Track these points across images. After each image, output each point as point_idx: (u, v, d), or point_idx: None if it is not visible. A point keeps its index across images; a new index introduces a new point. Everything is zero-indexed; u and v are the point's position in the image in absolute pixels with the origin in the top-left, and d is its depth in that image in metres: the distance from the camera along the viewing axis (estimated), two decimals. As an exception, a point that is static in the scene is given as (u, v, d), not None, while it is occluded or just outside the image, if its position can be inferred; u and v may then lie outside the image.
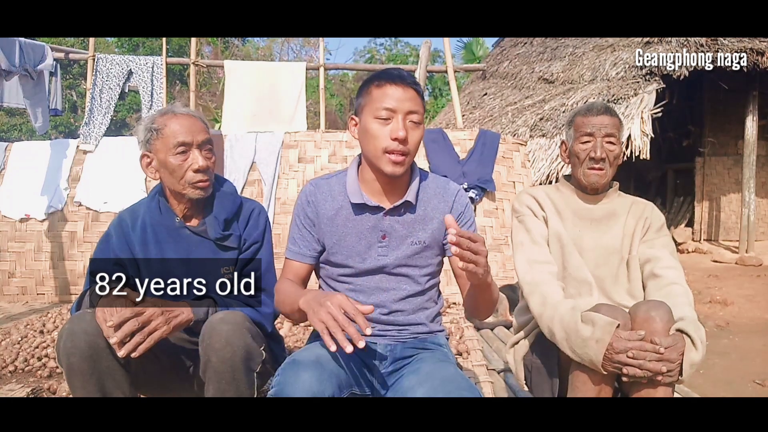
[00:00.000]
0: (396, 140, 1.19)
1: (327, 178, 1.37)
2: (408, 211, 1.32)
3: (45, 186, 4.49)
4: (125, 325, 1.17)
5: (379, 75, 1.25)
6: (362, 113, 1.25)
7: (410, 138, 1.21)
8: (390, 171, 1.22)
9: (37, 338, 2.89)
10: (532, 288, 1.43)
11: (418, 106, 1.23)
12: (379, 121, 1.21)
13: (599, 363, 1.20)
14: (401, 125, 1.20)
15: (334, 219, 1.31)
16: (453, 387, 1.10)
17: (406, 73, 1.26)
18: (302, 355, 1.17)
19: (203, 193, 1.45)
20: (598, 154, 1.48)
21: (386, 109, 1.20)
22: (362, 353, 1.29)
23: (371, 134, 1.22)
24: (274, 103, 5.11)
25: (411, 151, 1.23)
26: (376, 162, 1.24)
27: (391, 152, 1.20)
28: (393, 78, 1.22)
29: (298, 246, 1.35)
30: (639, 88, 5.77)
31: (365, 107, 1.24)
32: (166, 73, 5.19)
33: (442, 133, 4.71)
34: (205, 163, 1.42)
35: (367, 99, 1.24)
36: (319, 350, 1.18)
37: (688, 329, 1.20)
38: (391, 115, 1.20)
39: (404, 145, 1.20)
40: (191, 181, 1.42)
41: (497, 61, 9.24)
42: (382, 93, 1.21)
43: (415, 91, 1.23)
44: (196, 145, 1.42)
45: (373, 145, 1.22)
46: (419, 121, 1.24)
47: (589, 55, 7.08)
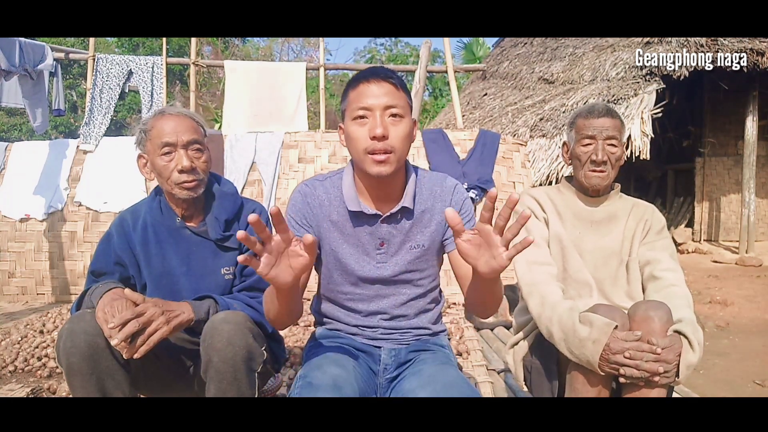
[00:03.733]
0: (375, 138, 1.13)
1: (321, 180, 1.31)
2: (405, 216, 1.27)
3: (45, 186, 4.49)
4: (126, 327, 1.17)
5: (354, 77, 1.21)
6: (344, 118, 1.22)
7: (392, 134, 1.15)
8: (375, 172, 1.15)
9: (37, 338, 2.89)
10: (531, 289, 1.43)
11: (396, 99, 1.16)
12: (357, 122, 1.16)
13: (596, 363, 1.20)
14: (378, 122, 1.13)
15: (331, 226, 1.27)
16: (455, 392, 1.08)
17: (381, 68, 1.21)
18: (318, 378, 1.09)
19: (191, 194, 1.43)
20: (599, 157, 1.48)
21: (362, 108, 1.15)
22: (369, 361, 1.28)
23: (352, 137, 1.17)
24: (274, 103, 5.11)
25: (396, 148, 1.15)
26: (361, 165, 1.18)
27: (372, 152, 1.14)
28: (366, 76, 1.17)
29: None
30: (639, 89, 5.77)
31: (345, 112, 1.21)
32: (166, 73, 5.19)
33: (442, 133, 4.72)
34: (189, 163, 1.40)
35: (346, 103, 1.20)
36: (334, 370, 1.13)
37: (685, 330, 1.20)
38: (368, 113, 1.15)
39: (385, 141, 1.14)
40: (177, 181, 1.41)
41: (497, 62, 9.24)
42: (357, 93, 1.17)
43: (390, 84, 1.16)
44: (181, 146, 1.40)
45: (354, 148, 1.17)
46: (401, 114, 1.17)
47: (589, 55, 7.08)
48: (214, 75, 12.55)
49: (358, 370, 1.20)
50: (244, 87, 5.14)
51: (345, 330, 1.34)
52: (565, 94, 6.64)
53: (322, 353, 1.23)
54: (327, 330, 1.37)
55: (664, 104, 5.76)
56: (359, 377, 1.18)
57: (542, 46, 8.28)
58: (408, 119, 1.19)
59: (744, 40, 5.87)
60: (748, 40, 5.86)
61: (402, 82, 1.20)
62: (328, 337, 1.35)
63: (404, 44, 19.42)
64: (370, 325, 1.32)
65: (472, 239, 0.98)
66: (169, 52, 5.87)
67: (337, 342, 1.32)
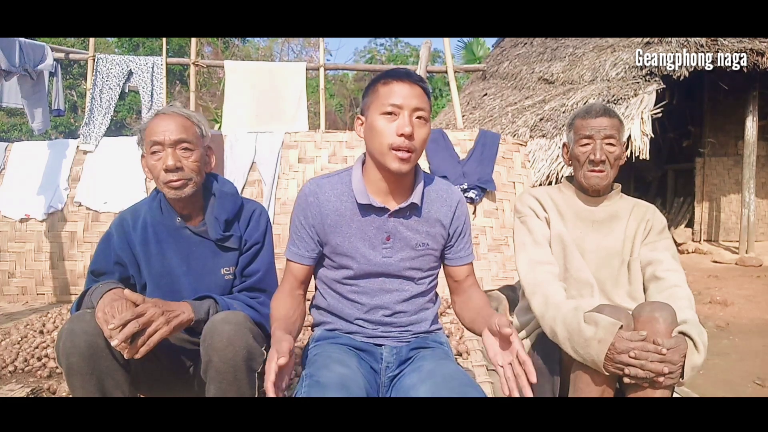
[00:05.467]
0: (402, 136, 1.18)
1: (328, 177, 1.35)
2: (413, 213, 1.31)
3: (45, 186, 4.49)
4: (126, 327, 1.16)
5: (386, 73, 1.25)
6: (368, 111, 1.25)
7: (417, 135, 1.20)
8: (396, 168, 1.20)
9: (37, 338, 2.88)
10: (534, 288, 1.43)
11: (424, 104, 1.22)
12: (386, 117, 1.20)
13: (601, 363, 1.20)
14: (407, 121, 1.18)
15: (339, 219, 1.29)
16: (456, 384, 1.10)
17: (413, 72, 1.26)
18: (325, 377, 1.12)
19: (178, 193, 1.42)
20: (597, 157, 1.48)
21: (393, 105, 1.19)
22: (371, 360, 1.30)
23: (377, 131, 1.20)
24: (274, 104, 5.11)
25: (417, 149, 1.21)
26: (381, 159, 1.22)
27: (397, 149, 1.19)
28: (400, 75, 1.22)
29: (297, 247, 1.34)
30: (639, 89, 5.77)
31: (371, 105, 1.24)
32: (166, 73, 5.19)
33: (442, 133, 4.71)
34: (174, 162, 1.40)
35: (374, 97, 1.23)
36: (340, 369, 1.15)
37: (690, 332, 1.20)
38: (398, 111, 1.19)
39: (410, 141, 1.19)
40: (164, 180, 1.41)
41: (497, 62, 9.24)
42: (389, 90, 1.20)
43: (422, 88, 1.22)
44: (169, 145, 1.40)
45: (378, 141, 1.21)
46: (426, 119, 1.23)
47: (589, 55, 7.08)
48: (214, 75, 12.55)
49: (361, 370, 1.21)
50: (244, 87, 5.14)
51: (344, 329, 1.35)
52: (565, 94, 6.64)
53: (324, 353, 1.25)
54: (326, 331, 1.38)
55: (664, 104, 5.76)
56: (363, 376, 1.19)
57: (542, 46, 8.28)
58: (429, 124, 1.26)
59: (744, 40, 5.87)
60: (748, 40, 5.86)
61: (429, 90, 1.27)
62: (328, 338, 1.35)
63: (404, 44, 19.45)
64: (371, 319, 1.33)
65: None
66: (169, 52, 5.87)
67: (337, 342, 1.33)
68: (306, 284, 1.39)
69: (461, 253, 1.39)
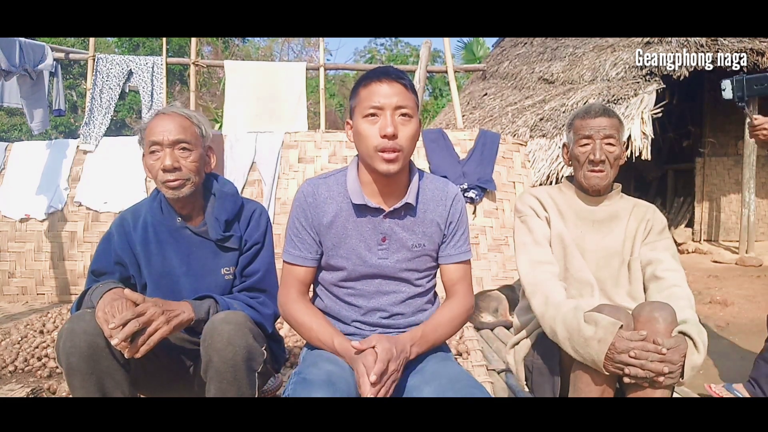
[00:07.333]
0: (386, 137, 1.17)
1: (324, 178, 1.34)
2: (408, 213, 1.30)
3: (45, 186, 4.49)
4: (127, 327, 1.17)
5: (366, 75, 1.24)
6: (354, 115, 1.24)
7: (401, 133, 1.19)
8: (384, 169, 1.19)
9: (37, 338, 2.88)
10: (534, 288, 1.43)
11: (407, 100, 1.20)
12: (368, 119, 1.19)
13: (601, 363, 1.20)
14: (389, 121, 1.17)
15: (334, 220, 1.29)
16: (461, 385, 1.10)
17: (392, 68, 1.24)
18: (312, 374, 1.13)
19: (175, 193, 1.43)
20: (597, 157, 1.48)
21: (373, 107, 1.18)
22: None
23: (362, 135, 1.20)
24: (274, 104, 5.11)
25: (404, 147, 1.20)
26: (370, 162, 1.21)
27: (382, 150, 1.18)
28: (377, 75, 1.20)
29: (299, 249, 1.31)
30: (639, 89, 5.76)
31: (355, 109, 1.23)
32: (166, 73, 5.19)
33: (442, 133, 4.71)
34: (171, 162, 1.40)
35: (357, 100, 1.23)
36: (328, 366, 1.16)
37: (690, 332, 1.20)
38: (379, 112, 1.18)
39: (395, 140, 1.17)
40: (162, 180, 1.42)
41: (497, 62, 9.23)
42: (368, 92, 1.20)
43: (401, 84, 1.20)
44: (167, 145, 1.41)
45: (364, 145, 1.20)
46: (411, 115, 1.20)
47: (589, 55, 7.07)
48: (214, 75, 12.55)
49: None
50: (244, 87, 5.14)
51: (341, 331, 1.34)
52: (565, 94, 6.63)
53: (317, 352, 1.26)
54: None
55: (664, 104, 5.75)
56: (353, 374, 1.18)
57: (542, 46, 8.27)
58: (416, 120, 1.23)
59: (744, 40, 5.87)
60: (748, 40, 5.86)
61: (411, 83, 1.24)
62: None
63: (404, 44, 19.45)
64: (368, 321, 1.32)
65: None
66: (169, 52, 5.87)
67: None
68: (309, 287, 1.38)
69: (450, 250, 1.35)
